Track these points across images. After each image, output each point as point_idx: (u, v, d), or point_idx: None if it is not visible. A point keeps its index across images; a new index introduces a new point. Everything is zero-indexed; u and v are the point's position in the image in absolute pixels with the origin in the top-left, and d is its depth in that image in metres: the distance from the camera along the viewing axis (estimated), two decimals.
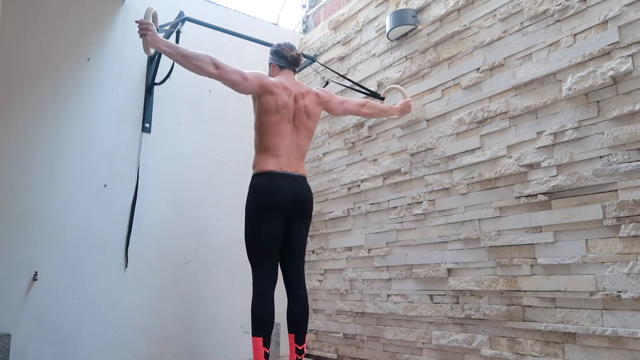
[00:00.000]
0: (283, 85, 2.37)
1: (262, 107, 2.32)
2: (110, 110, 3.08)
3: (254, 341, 2.18)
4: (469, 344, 2.40)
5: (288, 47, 2.51)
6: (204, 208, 3.33)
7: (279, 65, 2.50)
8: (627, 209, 1.89)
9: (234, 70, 2.23)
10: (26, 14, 2.88)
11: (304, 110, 2.41)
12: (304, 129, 2.42)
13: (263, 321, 2.20)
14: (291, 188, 2.30)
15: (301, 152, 2.41)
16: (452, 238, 2.56)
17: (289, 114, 2.36)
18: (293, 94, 2.40)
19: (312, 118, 2.45)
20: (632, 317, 1.85)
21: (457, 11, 2.70)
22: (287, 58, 2.49)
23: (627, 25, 1.96)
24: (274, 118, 2.32)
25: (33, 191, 2.75)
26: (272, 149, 2.31)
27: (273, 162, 2.30)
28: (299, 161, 2.39)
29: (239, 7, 3.85)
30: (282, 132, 2.33)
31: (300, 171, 2.38)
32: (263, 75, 2.32)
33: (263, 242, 2.26)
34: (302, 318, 2.33)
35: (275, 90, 2.32)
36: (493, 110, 2.43)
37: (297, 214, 2.35)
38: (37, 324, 2.66)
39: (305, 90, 2.47)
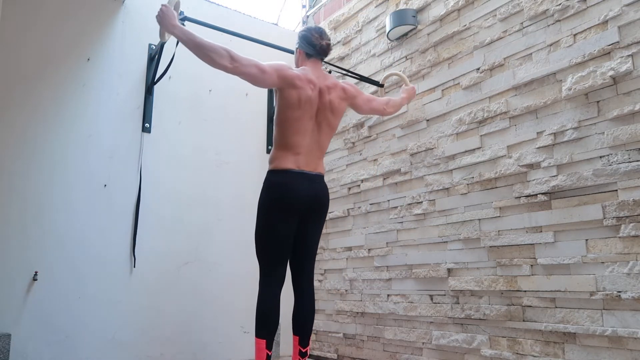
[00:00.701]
0: (307, 77, 2.20)
1: (283, 101, 2.17)
2: (110, 111, 3.08)
3: (257, 342, 2.11)
4: (469, 344, 2.40)
5: (318, 34, 2.30)
6: (203, 208, 3.33)
7: (305, 52, 2.31)
8: (627, 209, 1.89)
9: (250, 63, 2.08)
10: (26, 14, 2.88)
11: (328, 106, 2.25)
12: (327, 125, 2.28)
13: (268, 323, 2.12)
14: (308, 188, 2.18)
15: (321, 150, 2.28)
16: (452, 238, 2.56)
17: (311, 109, 2.20)
18: (317, 88, 2.22)
19: (336, 114, 2.30)
20: (632, 317, 1.85)
21: (457, 11, 2.70)
22: (316, 46, 2.28)
23: (627, 25, 1.96)
24: (295, 113, 2.17)
25: (33, 191, 2.75)
26: (292, 147, 2.18)
27: (291, 160, 2.18)
28: (319, 159, 2.27)
29: (239, 7, 3.86)
30: (303, 129, 2.19)
31: (319, 170, 2.26)
32: (285, 66, 2.16)
33: (274, 242, 2.16)
34: (308, 321, 2.26)
35: (298, 83, 2.16)
36: (493, 110, 2.43)
37: (311, 214, 2.24)
38: (37, 324, 2.66)
39: (331, 83, 2.30)
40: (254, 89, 3.70)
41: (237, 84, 3.59)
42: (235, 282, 3.37)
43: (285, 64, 2.18)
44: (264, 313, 2.12)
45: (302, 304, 2.27)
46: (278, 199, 2.15)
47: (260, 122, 3.72)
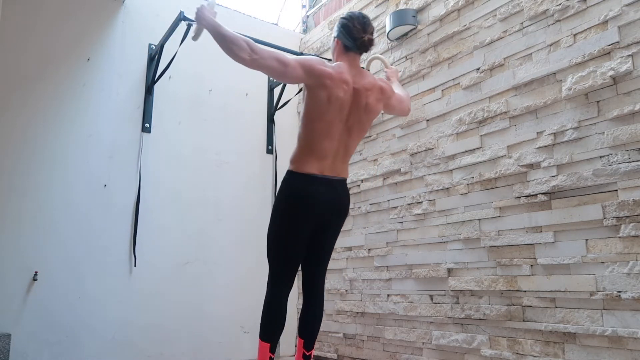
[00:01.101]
0: (341, 77, 1.97)
1: (311, 100, 1.97)
2: (110, 110, 3.08)
3: (261, 345, 2.02)
4: (469, 344, 2.40)
5: (361, 25, 2.03)
6: (203, 208, 3.33)
7: (344, 45, 2.05)
8: (627, 209, 1.89)
9: (271, 55, 1.91)
10: (26, 14, 2.88)
11: (363, 109, 2.04)
12: (359, 129, 2.07)
13: (274, 327, 2.02)
14: (329, 194, 2.03)
15: (348, 154, 2.10)
16: (452, 238, 2.56)
17: (343, 112, 1.99)
18: (351, 89, 2.00)
19: (371, 117, 2.10)
20: (632, 317, 1.85)
21: (457, 11, 2.70)
22: (357, 40, 2.02)
23: (627, 25, 1.96)
24: (325, 116, 1.96)
25: (33, 191, 2.75)
26: (318, 151, 2.00)
27: (315, 165, 2.00)
28: (344, 163, 2.10)
29: (239, 7, 3.86)
30: (332, 133, 1.99)
31: (343, 174, 2.10)
32: (315, 62, 1.95)
33: (288, 246, 2.03)
34: (316, 325, 2.17)
35: (328, 83, 1.94)
36: (493, 110, 2.43)
37: (330, 220, 2.10)
38: (37, 324, 2.66)
39: (369, 83, 2.06)
40: (254, 89, 3.70)
41: (237, 84, 3.62)
42: (236, 282, 3.37)
43: (317, 59, 1.98)
44: (270, 316, 2.03)
45: (311, 309, 2.17)
46: (296, 205, 2.00)
47: (260, 122, 3.72)
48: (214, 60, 3.49)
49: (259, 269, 3.50)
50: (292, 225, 2.02)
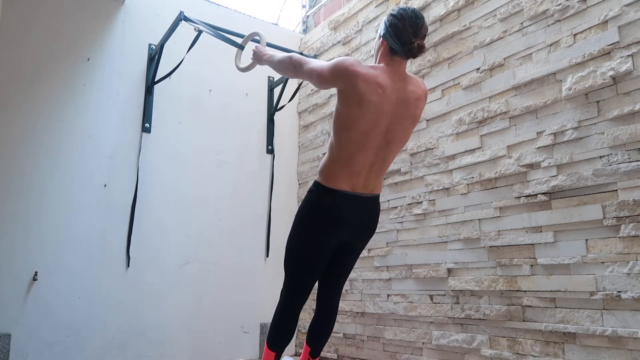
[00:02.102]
0: (375, 79, 1.74)
1: (342, 105, 1.78)
2: (110, 110, 3.08)
3: (267, 354, 1.96)
4: (469, 344, 2.40)
5: (412, 28, 1.76)
6: (204, 208, 3.33)
7: (390, 47, 1.81)
8: (627, 209, 1.89)
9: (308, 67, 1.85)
10: (26, 13, 2.88)
11: (408, 121, 1.85)
12: (399, 141, 1.88)
13: (284, 338, 1.95)
14: (359, 213, 1.89)
15: (385, 168, 1.92)
16: (452, 238, 2.56)
17: (380, 121, 1.78)
18: (394, 98, 1.78)
19: (414, 126, 1.91)
20: (632, 317, 1.85)
21: (457, 11, 2.70)
22: (405, 44, 1.76)
23: (627, 25, 1.96)
24: (358, 124, 1.76)
25: (33, 191, 2.75)
26: (351, 165, 1.82)
27: (347, 181, 1.83)
28: (378, 179, 1.92)
29: (239, 7, 3.86)
30: (367, 145, 1.80)
31: (376, 190, 1.93)
32: (347, 62, 1.74)
33: (309, 260, 1.91)
34: (326, 336, 2.11)
35: (359, 84, 1.72)
36: (493, 110, 2.43)
37: (357, 237, 1.98)
38: (37, 324, 2.66)
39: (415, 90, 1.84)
40: (254, 89, 3.71)
41: (237, 84, 3.62)
42: (235, 282, 3.37)
43: (351, 60, 1.75)
44: (281, 327, 1.95)
45: (324, 319, 2.09)
46: (322, 221, 1.86)
47: (260, 122, 3.72)
48: (214, 60, 3.49)
49: (258, 269, 3.51)
50: (316, 241, 1.88)
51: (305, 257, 1.92)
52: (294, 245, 1.93)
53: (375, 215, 1.99)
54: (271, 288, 3.52)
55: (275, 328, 1.95)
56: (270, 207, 3.63)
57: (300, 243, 1.92)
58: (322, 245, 1.89)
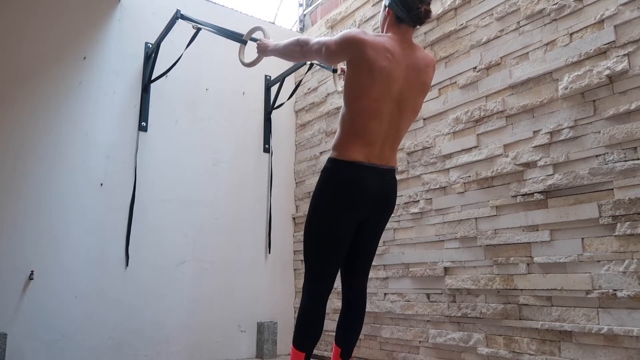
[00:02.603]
0: (385, 46, 1.75)
1: (353, 74, 1.77)
2: (107, 109, 3.07)
3: (295, 354, 1.80)
4: (466, 343, 2.41)
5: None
6: (200, 207, 3.33)
7: (396, 16, 1.82)
8: (623, 208, 1.90)
9: (316, 42, 1.84)
10: (22, 12, 2.87)
11: (420, 87, 1.84)
12: (411, 109, 1.85)
13: (312, 335, 1.81)
14: (377, 185, 1.82)
15: (398, 139, 1.89)
16: (448, 237, 2.56)
17: (392, 88, 1.77)
18: (404, 64, 1.79)
19: (425, 95, 1.90)
20: (628, 316, 1.86)
21: (454, 10, 2.70)
22: (412, 10, 1.78)
23: (623, 24, 1.96)
24: (371, 91, 1.75)
25: (29, 190, 2.74)
26: (365, 134, 1.78)
27: (362, 151, 1.78)
28: (393, 150, 1.88)
29: (236, 5, 3.85)
30: (381, 114, 1.78)
31: (392, 163, 1.88)
32: (354, 32, 1.76)
33: (331, 244, 1.81)
34: (356, 332, 1.95)
35: (368, 51, 1.72)
36: (490, 109, 2.43)
37: (376, 216, 1.89)
38: (33, 323, 2.66)
39: (423, 59, 1.85)
40: (250, 88, 3.70)
41: (234, 82, 3.61)
42: (232, 281, 3.37)
43: (357, 30, 1.79)
44: (309, 323, 1.81)
45: (352, 314, 1.96)
46: (341, 196, 1.79)
47: (257, 121, 3.72)
48: (210, 59, 3.49)
49: (256, 268, 3.51)
50: (336, 218, 1.80)
51: (326, 238, 1.81)
52: (313, 229, 1.84)
53: (393, 189, 1.91)
54: (269, 287, 3.53)
55: (302, 326, 1.81)
56: (270, 205, 3.62)
57: (320, 222, 1.82)
58: (342, 222, 1.81)
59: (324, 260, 1.83)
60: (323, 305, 1.83)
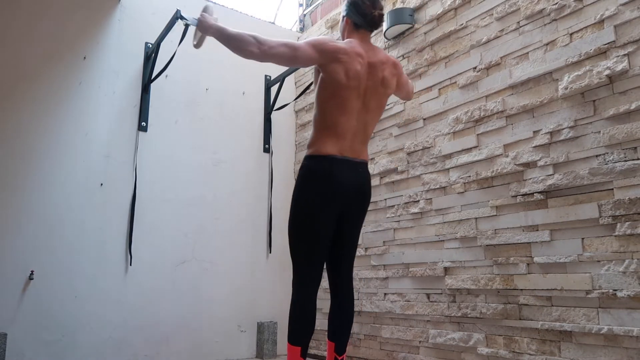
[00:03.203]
0: (355, 51, 1.94)
1: (327, 78, 1.92)
2: (107, 109, 3.07)
3: (291, 350, 1.86)
4: (466, 343, 2.41)
5: (370, 2, 2.02)
6: (200, 207, 3.33)
7: (354, 22, 2.03)
8: (623, 208, 1.90)
9: (280, 43, 1.87)
10: (22, 12, 2.87)
11: (380, 83, 1.99)
12: (376, 106, 2.01)
13: (305, 329, 1.87)
14: (352, 177, 1.94)
15: (367, 134, 2.03)
16: (448, 237, 2.57)
17: (359, 86, 1.94)
18: (366, 63, 1.96)
19: (388, 92, 2.05)
20: (628, 316, 1.86)
21: (454, 10, 2.70)
22: (367, 16, 2.00)
23: (623, 24, 1.96)
24: (341, 92, 1.91)
25: (29, 190, 2.74)
26: (335, 129, 1.92)
27: (334, 145, 1.92)
28: (363, 144, 2.02)
29: (236, 5, 3.85)
30: (349, 109, 1.93)
31: (363, 156, 2.01)
32: (325, 40, 1.93)
33: (313, 238, 1.90)
34: (347, 326, 2.01)
35: (343, 57, 1.90)
36: (490, 109, 2.43)
37: (353, 208, 1.99)
38: (33, 323, 2.66)
39: (384, 57, 2.03)
40: (250, 88, 3.70)
41: (234, 82, 3.61)
42: (232, 280, 3.37)
43: (326, 37, 1.99)
44: (300, 318, 1.88)
45: (341, 307, 2.02)
46: (318, 189, 1.90)
47: (257, 121, 3.72)
48: (210, 59, 3.49)
49: (256, 268, 3.51)
50: (316, 211, 1.90)
51: (309, 232, 1.91)
52: (296, 226, 1.94)
53: (367, 180, 2.03)
54: (270, 287, 3.53)
55: (294, 321, 1.88)
56: (271, 205, 3.62)
57: (302, 220, 1.92)
58: (323, 215, 1.90)
59: (309, 254, 1.92)
60: (312, 298, 1.91)
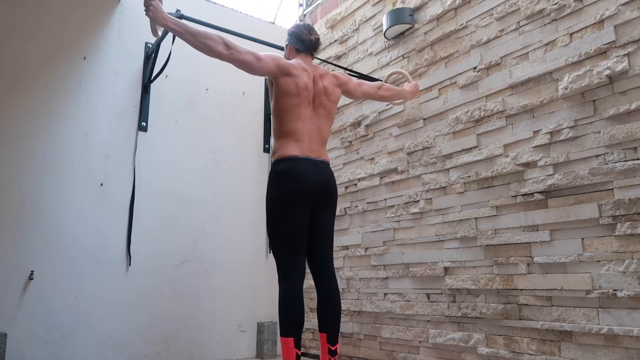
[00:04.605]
0: (302, 67, 2.25)
1: (280, 90, 2.19)
2: (107, 109, 3.07)
3: (284, 342, 1.98)
4: (466, 343, 2.41)
5: (307, 30, 2.37)
6: (200, 207, 3.33)
7: (295, 48, 2.37)
8: (623, 208, 1.90)
9: (246, 50, 2.10)
10: (22, 12, 2.87)
11: (323, 92, 2.28)
12: (325, 112, 2.29)
13: (294, 320, 2.01)
14: (315, 174, 2.15)
15: (323, 137, 2.27)
16: (448, 237, 2.57)
17: (309, 96, 2.23)
18: (312, 76, 2.27)
19: (332, 100, 2.32)
20: (628, 316, 1.86)
21: (454, 10, 2.70)
22: (305, 42, 2.34)
23: (623, 24, 1.96)
24: (293, 101, 2.18)
25: (29, 190, 2.74)
26: (293, 133, 2.17)
27: (294, 147, 2.15)
28: (321, 146, 2.26)
29: (236, 5, 3.85)
30: (302, 115, 2.19)
31: (323, 156, 2.24)
32: (279, 57, 2.21)
33: (289, 233, 2.09)
34: (334, 315, 2.15)
35: (294, 72, 2.19)
36: (490, 109, 2.43)
37: (322, 201, 2.19)
38: (33, 324, 2.65)
39: (323, 71, 2.36)
40: (251, 88, 3.70)
41: (234, 83, 3.61)
42: (232, 281, 3.37)
43: (279, 55, 2.23)
44: (288, 311, 2.01)
45: (327, 297, 2.17)
46: (287, 187, 2.10)
47: (257, 121, 3.72)
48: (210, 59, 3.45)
49: (256, 268, 3.51)
50: (288, 209, 2.09)
51: (286, 231, 2.09)
52: (272, 225, 2.13)
53: (331, 178, 2.24)
54: (269, 287, 3.53)
55: (283, 315, 2.01)
56: None
57: (277, 219, 2.11)
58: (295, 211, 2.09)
59: (286, 248, 2.10)
60: (297, 290, 2.05)
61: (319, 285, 2.20)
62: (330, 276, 2.21)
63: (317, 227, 2.19)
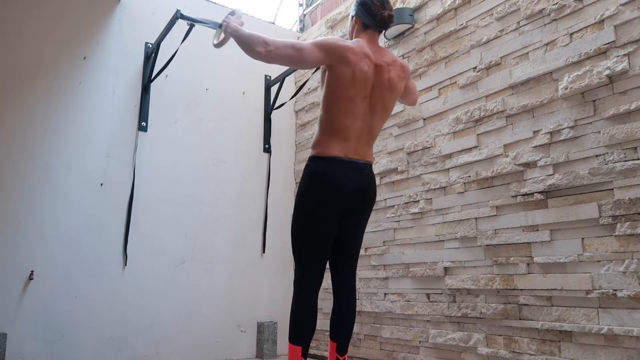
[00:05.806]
0: (363, 51, 1.91)
1: (334, 79, 1.90)
2: (107, 109, 3.07)
3: (292, 349, 1.86)
4: (466, 343, 2.41)
5: (379, 2, 1.98)
6: (200, 207, 3.33)
7: (363, 23, 2.00)
8: (623, 208, 1.90)
9: (286, 44, 1.85)
10: (22, 12, 2.87)
11: (387, 85, 1.96)
12: (382, 108, 1.98)
13: (306, 329, 1.87)
14: (356, 178, 1.92)
15: (372, 136, 2.00)
16: (448, 237, 2.56)
17: (366, 88, 1.92)
18: (374, 64, 1.93)
19: (394, 95, 2.02)
20: (628, 316, 1.86)
21: (454, 10, 2.70)
22: (376, 16, 1.97)
23: (623, 24, 1.96)
24: (348, 92, 1.89)
25: (29, 190, 2.74)
26: (340, 131, 1.91)
27: (339, 147, 1.90)
28: (368, 146, 1.99)
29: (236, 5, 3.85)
30: (355, 111, 1.91)
31: (368, 158, 1.99)
32: (334, 40, 1.91)
33: (316, 238, 1.90)
34: (348, 326, 2.00)
35: (351, 57, 1.87)
36: (490, 109, 2.43)
37: (357, 207, 1.97)
38: (33, 324, 2.66)
39: (390, 59, 2.00)
40: (250, 88, 3.70)
41: (234, 82, 3.61)
42: (232, 281, 3.37)
43: (335, 38, 1.96)
44: (301, 317, 1.87)
45: (343, 308, 2.01)
46: (322, 190, 1.89)
47: (257, 121, 3.71)
48: (210, 59, 3.49)
49: (255, 267, 3.51)
50: (319, 212, 1.89)
51: (312, 233, 1.90)
52: (299, 226, 1.94)
53: (372, 182, 2.01)
54: (268, 287, 3.52)
55: (295, 321, 1.87)
56: (267, 206, 3.62)
57: (306, 221, 1.92)
58: (326, 216, 1.90)
59: (311, 254, 1.91)
60: (313, 298, 1.90)
61: (338, 294, 2.03)
62: (351, 287, 2.04)
63: (346, 234, 1.99)
